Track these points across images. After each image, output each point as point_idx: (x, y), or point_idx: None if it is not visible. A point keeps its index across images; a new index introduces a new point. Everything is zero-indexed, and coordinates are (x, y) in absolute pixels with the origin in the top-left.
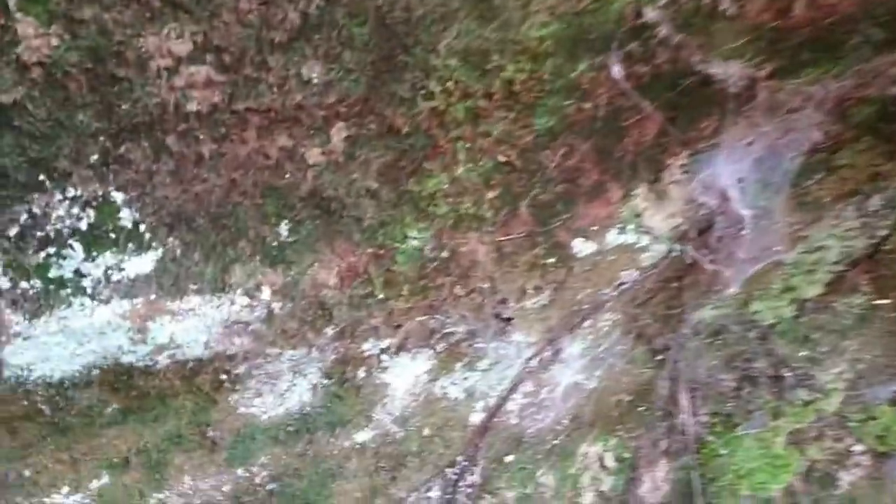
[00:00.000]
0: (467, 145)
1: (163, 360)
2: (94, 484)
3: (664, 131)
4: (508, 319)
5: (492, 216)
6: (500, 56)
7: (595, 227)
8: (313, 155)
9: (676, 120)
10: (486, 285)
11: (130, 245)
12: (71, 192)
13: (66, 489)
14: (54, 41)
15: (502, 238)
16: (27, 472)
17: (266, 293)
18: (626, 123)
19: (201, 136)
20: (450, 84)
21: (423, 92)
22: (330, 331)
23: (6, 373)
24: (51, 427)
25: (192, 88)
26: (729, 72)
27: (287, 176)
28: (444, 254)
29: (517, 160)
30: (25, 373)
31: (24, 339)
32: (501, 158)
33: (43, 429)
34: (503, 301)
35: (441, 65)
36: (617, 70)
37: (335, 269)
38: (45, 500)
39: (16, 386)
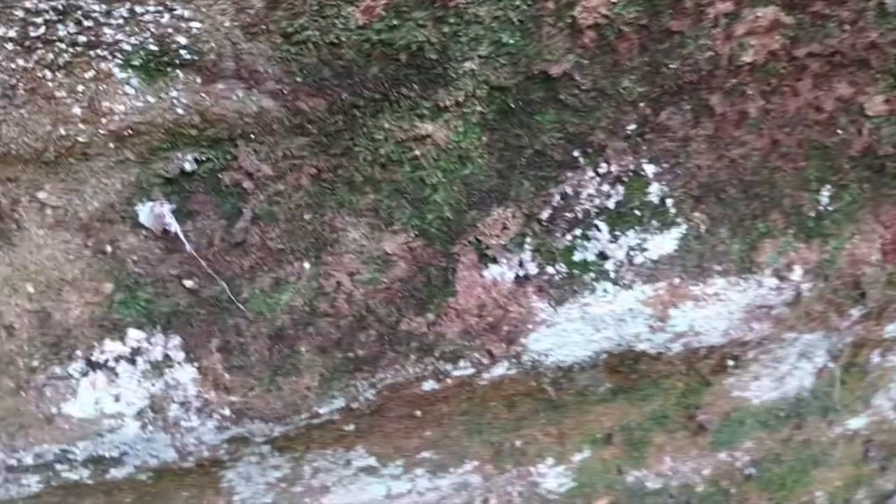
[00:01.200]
0: None
1: (676, 347)
2: (576, 457)
3: None
4: None
5: None
6: None
7: None
8: (875, 105)
9: None
10: None
11: (654, 222)
12: (603, 168)
13: (550, 460)
14: None
15: None
16: (518, 443)
17: (797, 272)
18: None
19: (749, 92)
20: None
21: None
22: (856, 312)
23: (524, 357)
24: (546, 403)
25: (752, 35)
26: None
27: (839, 132)
28: None
29: None
30: (542, 358)
31: (547, 326)
32: None
33: (539, 404)
34: None
35: None
36: None
37: (877, 241)
38: (532, 468)
39: (530, 369)
